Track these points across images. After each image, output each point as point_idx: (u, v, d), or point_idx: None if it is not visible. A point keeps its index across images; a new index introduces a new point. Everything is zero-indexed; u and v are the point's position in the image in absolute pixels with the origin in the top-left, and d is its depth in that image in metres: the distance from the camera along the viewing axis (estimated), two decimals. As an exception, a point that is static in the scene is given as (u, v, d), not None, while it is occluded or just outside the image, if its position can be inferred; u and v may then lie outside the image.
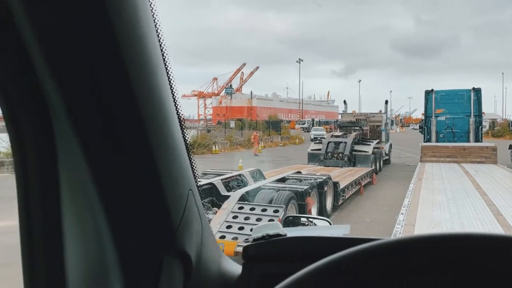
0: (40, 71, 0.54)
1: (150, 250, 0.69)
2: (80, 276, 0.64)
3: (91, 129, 0.60)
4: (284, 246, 0.88)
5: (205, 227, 0.82)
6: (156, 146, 0.64)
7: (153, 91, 0.63)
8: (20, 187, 0.60)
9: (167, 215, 0.68)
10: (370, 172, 14.37)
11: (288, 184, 8.99)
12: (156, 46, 0.64)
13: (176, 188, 0.70)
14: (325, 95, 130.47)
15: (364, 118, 20.86)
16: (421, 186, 9.54)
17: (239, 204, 7.00)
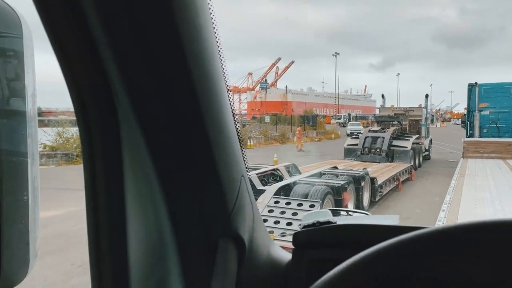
0: (107, 63, 0.59)
1: (206, 232, 0.73)
2: (141, 256, 0.68)
3: (152, 117, 0.64)
4: (334, 233, 0.90)
5: (255, 212, 0.85)
6: (212, 134, 0.67)
7: (210, 82, 0.66)
8: (88, 175, 0.65)
9: (222, 199, 0.72)
10: (409, 168, 14.01)
11: (324, 179, 8.93)
12: (213, 38, 0.68)
13: (230, 174, 0.74)
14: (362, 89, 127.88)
15: (403, 113, 20.31)
16: (463, 182, 9.22)
17: (275, 198, 7.04)
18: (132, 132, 0.65)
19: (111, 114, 0.63)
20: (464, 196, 7.52)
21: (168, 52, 0.60)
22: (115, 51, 0.57)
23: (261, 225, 0.90)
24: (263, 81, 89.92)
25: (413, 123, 19.72)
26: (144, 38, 0.58)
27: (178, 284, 0.75)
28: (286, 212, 6.64)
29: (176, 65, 0.60)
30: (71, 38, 0.57)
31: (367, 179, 9.70)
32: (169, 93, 0.63)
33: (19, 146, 0.62)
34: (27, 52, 0.63)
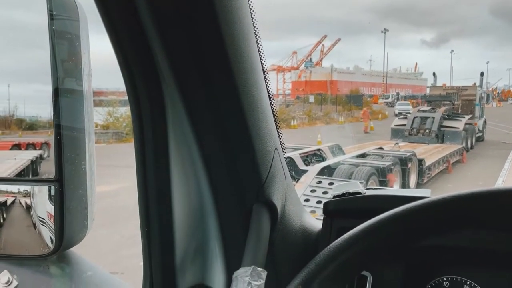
0: (154, 47, 0.65)
1: (242, 199, 0.79)
2: (185, 221, 0.76)
3: (193, 94, 0.70)
4: (362, 203, 0.94)
5: (288, 183, 0.90)
6: (247, 109, 0.72)
7: (246, 61, 0.70)
8: (138, 147, 0.72)
9: (256, 169, 0.77)
10: (460, 149, 13.43)
11: (369, 160, 8.79)
12: (248, 19, 0.71)
13: (264, 147, 0.78)
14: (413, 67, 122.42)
15: (455, 92, 19.34)
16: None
17: (317, 178, 7.05)
18: (176, 109, 0.71)
19: (158, 94, 0.70)
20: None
21: (206, 33, 0.64)
22: (161, 37, 0.63)
23: (294, 194, 0.94)
24: (308, 60, 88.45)
25: (466, 103, 18.74)
26: (186, 23, 0.62)
27: (216, 245, 0.82)
28: (328, 193, 6.64)
29: (214, 46, 0.65)
30: (124, 27, 0.63)
31: (415, 161, 9.43)
32: (208, 72, 0.67)
33: (78, 123, 0.69)
34: (83, 34, 0.69)
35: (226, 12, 0.64)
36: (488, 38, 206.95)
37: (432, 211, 0.56)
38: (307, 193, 6.70)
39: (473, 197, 0.55)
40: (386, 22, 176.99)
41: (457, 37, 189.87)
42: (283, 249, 0.85)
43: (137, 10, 0.61)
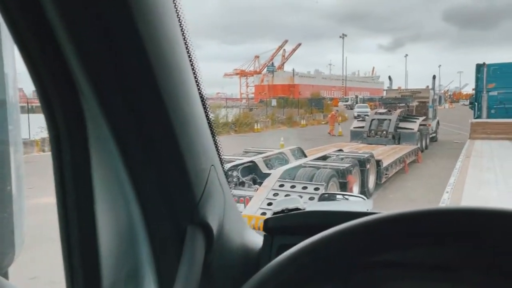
0: (68, 55, 0.60)
1: (175, 220, 0.75)
2: (112, 247, 0.71)
3: (117, 111, 0.65)
4: (302, 219, 0.93)
5: (227, 200, 0.88)
6: (178, 126, 0.69)
7: (174, 73, 0.67)
8: (57, 171, 0.67)
9: (189, 188, 0.74)
10: (416, 150, 13.97)
11: (330, 162, 8.96)
12: (176, 26, 0.68)
13: (198, 164, 0.75)
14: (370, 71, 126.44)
15: (410, 94, 20.13)
16: (469, 164, 9.19)
17: (280, 181, 7.10)
18: (98, 126, 0.66)
19: (77, 107, 0.64)
20: (469, 177, 7.52)
21: (126, 44, 0.60)
22: (77, 48, 0.58)
23: (234, 212, 0.93)
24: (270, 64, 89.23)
25: (420, 105, 19.56)
26: (103, 33, 0.58)
27: (148, 272, 0.78)
28: (291, 195, 6.71)
29: (136, 58, 0.61)
30: (34, 38, 0.58)
31: (373, 162, 9.71)
32: (130, 87, 0.63)
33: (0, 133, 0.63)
34: (5, 41, 0.64)
35: (147, 20, 0.60)
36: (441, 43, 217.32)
37: (372, 229, 0.57)
38: (270, 197, 6.74)
39: (416, 216, 0.56)
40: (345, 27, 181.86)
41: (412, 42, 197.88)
42: (221, 271, 0.83)
43: (50, 25, 0.56)
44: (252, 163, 8.20)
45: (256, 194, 6.84)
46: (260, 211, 6.27)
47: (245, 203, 6.77)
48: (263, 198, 6.66)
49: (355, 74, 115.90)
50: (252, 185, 7.75)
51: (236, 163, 7.91)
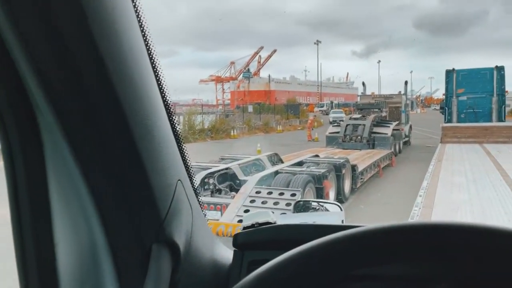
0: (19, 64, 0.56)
1: (139, 240, 0.71)
2: (73, 266, 0.67)
3: (73, 121, 0.61)
4: (272, 233, 0.91)
5: (196, 216, 0.85)
6: (141, 140, 0.65)
7: (135, 79, 0.63)
8: (10, 185, 0.63)
9: (153, 205, 0.70)
10: (389, 154, 14.24)
11: (306, 167, 9.02)
12: (137, 33, 0.65)
13: (163, 179, 0.72)
14: (344, 77, 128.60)
15: (383, 100, 20.55)
16: (440, 167, 9.42)
17: (257, 188, 7.09)
18: (55, 140, 0.62)
19: (31, 123, 0.61)
20: (441, 181, 7.70)
21: (84, 54, 0.56)
22: (29, 56, 0.55)
23: (203, 228, 0.90)
24: (245, 70, 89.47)
25: (393, 110, 19.99)
26: (58, 42, 0.55)
27: None
28: (267, 202, 6.71)
29: (95, 68, 0.58)
30: None
31: (348, 167, 9.82)
32: (89, 98, 0.60)
33: None
34: None
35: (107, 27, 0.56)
36: (412, 49, 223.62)
37: (346, 245, 0.56)
38: (246, 204, 6.72)
39: (392, 230, 0.55)
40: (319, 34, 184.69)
41: (385, 48, 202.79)
42: None
43: None
44: (229, 170, 8.17)
45: (233, 201, 6.80)
46: (237, 219, 6.24)
47: (222, 211, 6.72)
48: (240, 205, 6.63)
49: (330, 80, 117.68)
50: (229, 192, 7.71)
51: (213, 170, 7.86)
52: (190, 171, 0.84)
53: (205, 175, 7.53)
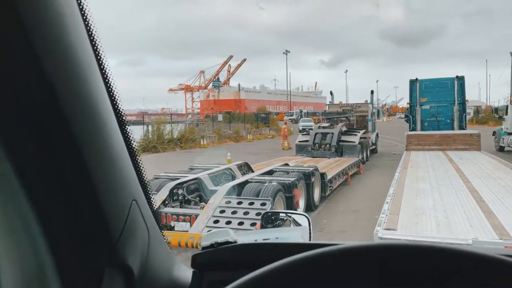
0: None
1: (89, 263, 0.68)
2: None
3: (16, 141, 0.57)
4: (232, 253, 0.89)
5: (154, 236, 0.81)
6: (90, 157, 0.62)
7: (82, 94, 0.60)
8: None
9: (105, 228, 0.67)
10: (357, 162, 14.51)
11: (276, 176, 9.04)
12: (86, 43, 0.61)
13: (115, 200, 0.69)
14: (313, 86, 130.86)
15: (350, 109, 21.00)
16: (406, 174, 9.66)
17: (226, 198, 7.03)
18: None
19: None
20: (406, 187, 7.89)
21: (28, 67, 0.53)
22: None
23: (162, 248, 0.86)
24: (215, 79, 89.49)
25: (360, 119, 20.46)
26: None
27: None
28: (237, 212, 6.65)
29: (39, 84, 0.54)
30: None
31: (317, 175, 9.92)
32: (33, 116, 0.56)
33: None
34: None
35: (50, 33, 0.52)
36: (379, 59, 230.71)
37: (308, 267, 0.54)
38: (216, 214, 6.64)
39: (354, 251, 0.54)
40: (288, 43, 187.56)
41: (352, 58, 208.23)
42: None
43: None
44: (198, 180, 8.07)
45: (202, 212, 6.71)
46: (207, 229, 6.15)
47: (191, 222, 6.62)
48: (209, 215, 6.55)
49: (299, 89, 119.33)
50: (198, 203, 7.61)
51: (182, 180, 7.75)
52: (147, 188, 0.81)
53: (174, 186, 7.41)
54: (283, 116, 68.59)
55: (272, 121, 46.24)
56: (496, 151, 20.37)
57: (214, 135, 31.82)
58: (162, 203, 7.04)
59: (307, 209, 9.02)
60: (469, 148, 15.43)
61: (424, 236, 4.76)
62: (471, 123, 42.17)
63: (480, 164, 11.28)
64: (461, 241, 4.51)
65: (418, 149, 15.67)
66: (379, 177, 13.43)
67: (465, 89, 19.07)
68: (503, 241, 4.45)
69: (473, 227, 5.01)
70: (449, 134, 16.70)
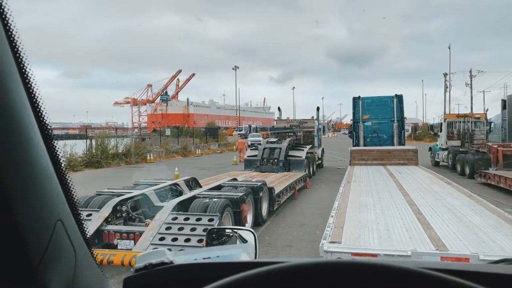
0: None
1: None
2: None
3: None
4: (167, 275, 0.84)
5: (82, 259, 0.77)
6: (10, 175, 0.57)
7: (3, 109, 0.56)
8: None
9: (23, 251, 0.62)
10: (304, 176, 14.80)
11: (224, 191, 8.97)
12: (2, 45, 0.57)
13: (36, 221, 0.64)
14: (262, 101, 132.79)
15: (297, 124, 21.49)
16: (350, 188, 9.98)
17: (173, 214, 6.86)
18: None
19: None
20: (350, 201, 8.14)
21: None
22: None
23: (91, 271, 0.81)
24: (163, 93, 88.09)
25: (307, 134, 20.99)
26: None
27: None
28: (184, 228, 6.50)
29: None
30: None
31: (265, 189, 9.99)
32: None
33: None
34: None
35: None
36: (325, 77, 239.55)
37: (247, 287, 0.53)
38: (162, 231, 6.44)
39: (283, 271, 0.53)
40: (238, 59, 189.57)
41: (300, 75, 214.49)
42: None
43: None
44: (143, 196, 7.81)
45: (147, 229, 6.49)
46: (152, 247, 5.95)
47: (135, 240, 6.37)
48: (154, 233, 6.34)
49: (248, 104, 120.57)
50: (143, 220, 7.35)
51: (126, 196, 7.46)
52: (76, 208, 0.75)
53: (117, 202, 7.12)
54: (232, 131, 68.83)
55: (221, 136, 46.16)
56: (432, 165, 21.72)
57: (161, 149, 31.14)
58: (105, 221, 6.73)
59: (255, 224, 9.02)
60: (408, 163, 16.30)
61: (366, 248, 4.92)
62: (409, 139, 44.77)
63: (418, 178, 11.94)
64: (401, 252, 4.71)
65: (361, 164, 16.31)
66: (324, 191, 13.77)
67: (403, 107, 20.26)
68: (439, 252, 4.71)
69: (412, 239, 5.26)
70: (389, 150, 17.57)
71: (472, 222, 6.17)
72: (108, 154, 24.33)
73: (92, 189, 8.76)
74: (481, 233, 5.47)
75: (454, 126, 21.70)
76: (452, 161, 19.83)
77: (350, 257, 4.76)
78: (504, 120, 23.81)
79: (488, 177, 14.87)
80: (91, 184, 15.76)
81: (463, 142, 20.79)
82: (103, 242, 6.58)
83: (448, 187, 10.11)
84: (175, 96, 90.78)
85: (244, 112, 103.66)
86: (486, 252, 4.56)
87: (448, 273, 0.52)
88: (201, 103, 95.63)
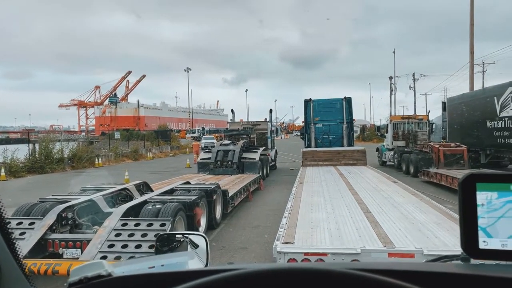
0: None
1: None
2: None
3: None
4: None
5: (8, 274, 0.70)
6: None
7: None
8: None
9: None
10: (258, 178, 14.87)
11: (176, 195, 8.80)
12: None
13: None
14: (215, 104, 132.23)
15: (251, 126, 21.59)
16: (302, 189, 10.15)
17: (123, 220, 6.62)
18: None
19: None
20: (302, 202, 8.27)
21: None
22: None
23: (19, 286, 0.76)
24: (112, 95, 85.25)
25: (260, 136, 21.14)
26: None
27: None
28: (135, 234, 6.30)
29: None
30: None
31: (219, 192, 9.92)
32: None
33: None
34: None
35: None
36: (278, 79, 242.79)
37: None
38: (111, 238, 6.20)
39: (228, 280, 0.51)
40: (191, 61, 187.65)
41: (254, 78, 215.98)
42: None
43: None
44: (91, 202, 7.49)
45: (95, 236, 6.22)
46: (100, 255, 5.71)
47: (82, 248, 6.08)
48: (103, 240, 6.09)
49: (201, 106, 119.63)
50: (91, 227, 7.04)
51: (72, 203, 7.11)
52: (3, 219, 0.69)
53: (62, 209, 6.77)
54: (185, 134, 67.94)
55: (173, 139, 45.40)
56: (380, 165, 22.65)
57: (110, 153, 30.07)
58: (49, 229, 6.37)
59: (209, 227, 8.93)
60: (357, 163, 16.87)
61: (318, 248, 5.01)
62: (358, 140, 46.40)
63: (366, 178, 12.38)
64: (351, 250, 4.85)
65: (313, 165, 16.66)
66: (278, 192, 13.92)
67: (352, 109, 20.97)
68: (387, 248, 4.89)
69: (361, 237, 5.43)
70: (339, 151, 18.10)
71: (417, 219, 6.47)
72: (52, 158, 23.13)
73: (34, 196, 8.28)
74: (425, 229, 5.75)
75: (399, 127, 22.75)
76: (398, 161, 20.79)
77: (303, 257, 4.82)
78: (444, 121, 25.30)
79: (430, 175, 15.74)
80: (33, 190, 14.91)
81: (407, 143, 21.85)
82: (47, 251, 6.23)
83: (394, 185, 10.57)
84: (124, 98, 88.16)
85: (197, 114, 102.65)
86: (430, 248, 4.80)
87: (386, 274, 0.53)
88: (152, 105, 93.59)
